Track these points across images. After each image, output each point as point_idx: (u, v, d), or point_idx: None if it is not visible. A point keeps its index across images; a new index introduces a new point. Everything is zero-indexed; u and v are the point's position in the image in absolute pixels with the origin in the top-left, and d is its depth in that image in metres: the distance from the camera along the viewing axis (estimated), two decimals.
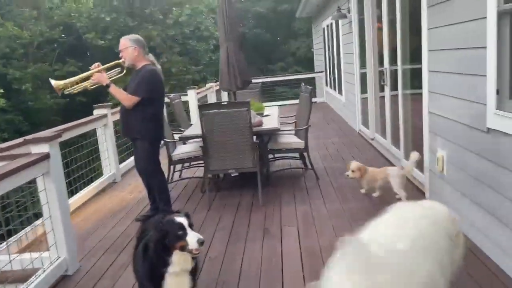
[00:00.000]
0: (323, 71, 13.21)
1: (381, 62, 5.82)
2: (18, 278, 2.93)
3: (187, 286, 2.27)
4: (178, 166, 5.38)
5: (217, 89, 10.62)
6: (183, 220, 2.19)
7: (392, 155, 5.43)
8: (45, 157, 3.02)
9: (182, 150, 5.02)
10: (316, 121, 8.70)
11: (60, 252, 3.18)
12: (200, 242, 2.15)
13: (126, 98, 3.80)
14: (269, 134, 4.90)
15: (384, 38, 5.52)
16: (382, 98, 5.98)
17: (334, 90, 11.08)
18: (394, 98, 5.22)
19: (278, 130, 4.80)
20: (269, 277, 2.93)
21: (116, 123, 5.61)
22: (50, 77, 4.36)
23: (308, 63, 18.47)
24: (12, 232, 3.90)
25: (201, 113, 4.25)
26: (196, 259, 2.30)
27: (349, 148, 6.54)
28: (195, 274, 2.33)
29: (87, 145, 5.89)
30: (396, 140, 5.28)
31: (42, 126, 12.94)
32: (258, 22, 22.41)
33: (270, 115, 5.59)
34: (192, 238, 2.15)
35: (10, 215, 4.46)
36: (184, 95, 8.32)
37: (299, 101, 5.93)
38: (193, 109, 8.51)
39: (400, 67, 4.88)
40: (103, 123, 5.65)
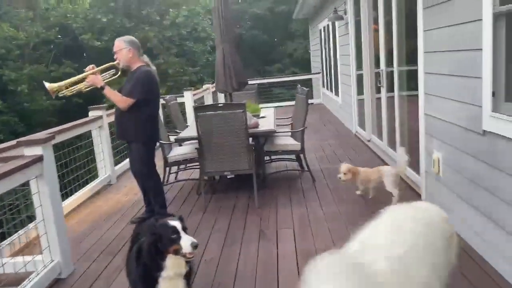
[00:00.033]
0: (320, 73, 13.22)
1: (377, 63, 5.82)
2: (11, 282, 2.91)
3: None
4: (174, 168, 5.35)
5: (213, 91, 10.59)
6: (176, 224, 2.17)
7: (388, 157, 5.42)
8: (38, 159, 3.00)
9: (177, 152, 5.00)
10: (313, 122, 8.70)
11: (53, 255, 3.15)
12: (194, 246, 2.13)
13: (121, 100, 3.77)
14: (265, 136, 4.89)
15: (380, 39, 5.52)
16: (378, 99, 5.97)
17: (331, 91, 11.08)
18: (390, 100, 5.22)
19: (274, 132, 4.78)
20: (264, 280, 2.92)
21: (112, 124, 5.57)
22: (46, 78, 4.32)
23: (305, 64, 18.45)
24: (6, 235, 3.87)
25: (197, 115, 4.24)
26: (191, 263, 2.28)
27: (346, 149, 6.53)
28: (189, 279, 2.31)
29: (84, 146, 5.86)
30: (392, 142, 5.28)
31: (38, 127, 12.85)
32: (255, 23, 22.37)
33: (266, 117, 5.57)
34: (186, 241, 2.13)
35: (4, 217, 4.42)
36: (181, 97, 8.29)
37: (295, 103, 5.92)
38: (189, 110, 8.49)
39: (396, 69, 4.88)
40: (98, 125, 5.61)
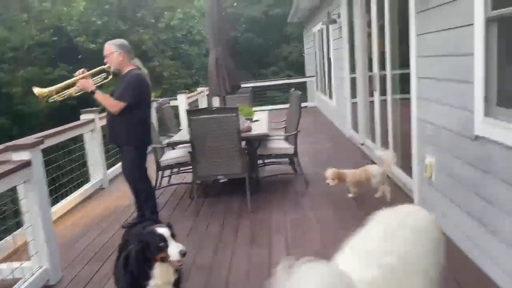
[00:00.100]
0: (314, 76, 13.22)
1: (370, 67, 5.81)
2: None
3: None
4: (166, 172, 5.31)
5: (207, 94, 10.55)
6: (164, 231, 2.13)
7: (381, 161, 5.39)
8: (26, 164, 2.95)
9: (170, 156, 4.96)
10: (306, 125, 8.67)
11: (41, 262, 3.10)
12: (182, 254, 2.10)
13: (112, 104, 3.74)
14: (259, 140, 4.86)
15: (373, 43, 5.52)
16: (372, 103, 5.97)
17: (325, 94, 11.08)
18: (383, 103, 5.21)
19: (267, 136, 4.76)
20: (256, 286, 2.88)
21: (104, 128, 5.52)
22: (41, 81, 4.27)
23: (300, 67, 18.47)
24: None
25: (189, 119, 4.21)
26: (180, 271, 2.25)
27: (339, 153, 6.51)
28: (178, 286, 2.27)
29: (78, 149, 5.79)
30: (385, 146, 5.26)
31: (33, 130, 12.73)
32: (250, 26, 22.39)
33: (260, 120, 5.55)
34: (174, 249, 2.10)
35: None
36: (174, 100, 8.24)
37: (289, 106, 5.90)
38: (183, 114, 8.44)
39: (389, 72, 4.87)
40: (91, 128, 5.56)
